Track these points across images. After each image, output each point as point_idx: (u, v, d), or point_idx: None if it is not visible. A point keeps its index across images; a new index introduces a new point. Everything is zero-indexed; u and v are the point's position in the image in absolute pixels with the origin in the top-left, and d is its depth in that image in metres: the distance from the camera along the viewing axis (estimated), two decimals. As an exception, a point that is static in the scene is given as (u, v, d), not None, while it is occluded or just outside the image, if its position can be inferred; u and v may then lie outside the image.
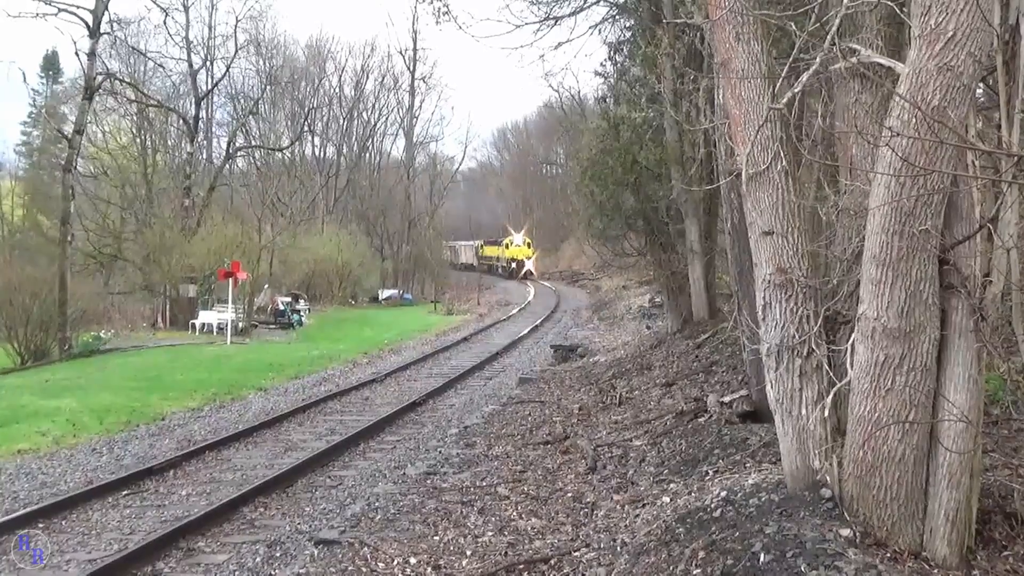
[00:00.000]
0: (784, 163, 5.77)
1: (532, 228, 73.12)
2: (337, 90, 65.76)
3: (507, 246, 71.74)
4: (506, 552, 7.29)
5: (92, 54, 31.16)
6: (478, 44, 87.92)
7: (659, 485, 8.47)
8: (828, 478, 5.51)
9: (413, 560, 7.13)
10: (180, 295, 33.75)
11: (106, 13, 31.21)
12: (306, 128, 59.99)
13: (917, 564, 4.97)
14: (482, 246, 77.37)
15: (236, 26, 47.35)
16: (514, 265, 70.29)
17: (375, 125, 67.24)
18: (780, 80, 5.73)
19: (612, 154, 19.10)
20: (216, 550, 7.94)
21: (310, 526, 8.45)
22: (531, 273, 69.53)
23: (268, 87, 54.75)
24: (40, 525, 8.64)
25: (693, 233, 18.67)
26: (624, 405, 13.66)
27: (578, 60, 56.93)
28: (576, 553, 7.01)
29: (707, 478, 7.95)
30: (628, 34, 21.09)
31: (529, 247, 71.56)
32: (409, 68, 61.84)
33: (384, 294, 53.25)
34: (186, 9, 43.60)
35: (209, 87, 47.82)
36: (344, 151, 66.64)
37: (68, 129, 34.72)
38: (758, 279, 5.94)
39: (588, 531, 7.68)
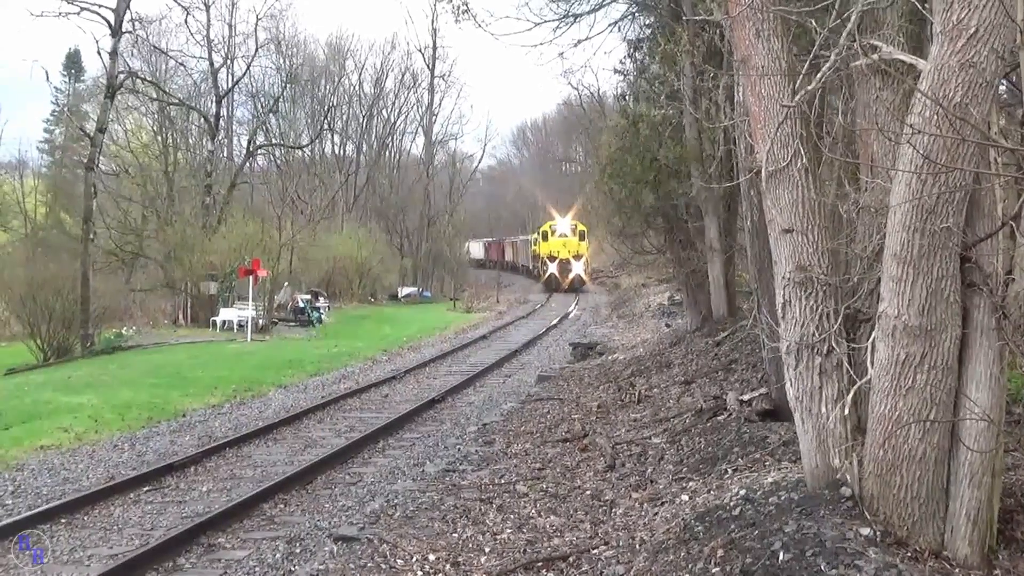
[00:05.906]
0: (804, 160, 5.73)
1: (585, 211, 46.12)
2: (357, 88, 66.16)
3: (545, 236, 53.03)
4: (524, 549, 7.30)
5: (114, 53, 31.46)
6: (497, 42, 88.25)
7: (678, 483, 8.44)
8: (848, 477, 5.48)
9: (432, 557, 7.15)
10: (201, 292, 33.97)
11: (128, 12, 31.50)
12: (326, 126, 60.32)
13: (938, 563, 4.94)
14: (536, 241, 57.09)
15: (256, 25, 47.72)
16: (554, 267, 51.18)
17: (395, 123, 67.57)
18: (800, 77, 5.71)
19: (631, 152, 19.01)
20: (236, 546, 7.98)
21: (329, 523, 8.49)
22: (582, 280, 50.98)
23: (288, 85, 55.10)
24: (62, 521, 8.73)
25: (712, 231, 18.60)
26: (643, 403, 13.61)
27: (597, 58, 57.42)
28: (595, 551, 7.01)
29: (726, 476, 7.93)
30: (647, 31, 21.02)
31: (582, 239, 51.24)
32: (428, 66, 61.95)
33: (403, 292, 53.36)
34: (207, 8, 44.01)
35: (230, 85, 48.36)
36: (364, 149, 67.07)
37: (90, 127, 35.03)
38: (778, 277, 5.92)
39: (607, 529, 7.66)
